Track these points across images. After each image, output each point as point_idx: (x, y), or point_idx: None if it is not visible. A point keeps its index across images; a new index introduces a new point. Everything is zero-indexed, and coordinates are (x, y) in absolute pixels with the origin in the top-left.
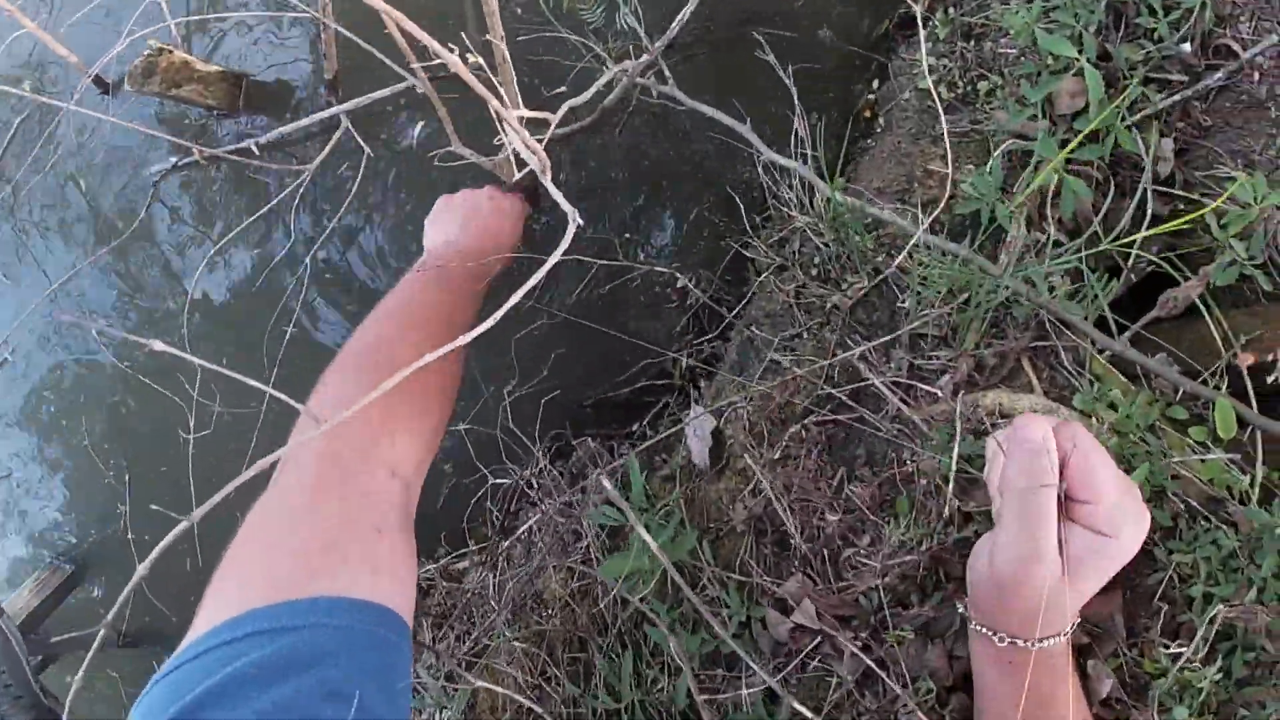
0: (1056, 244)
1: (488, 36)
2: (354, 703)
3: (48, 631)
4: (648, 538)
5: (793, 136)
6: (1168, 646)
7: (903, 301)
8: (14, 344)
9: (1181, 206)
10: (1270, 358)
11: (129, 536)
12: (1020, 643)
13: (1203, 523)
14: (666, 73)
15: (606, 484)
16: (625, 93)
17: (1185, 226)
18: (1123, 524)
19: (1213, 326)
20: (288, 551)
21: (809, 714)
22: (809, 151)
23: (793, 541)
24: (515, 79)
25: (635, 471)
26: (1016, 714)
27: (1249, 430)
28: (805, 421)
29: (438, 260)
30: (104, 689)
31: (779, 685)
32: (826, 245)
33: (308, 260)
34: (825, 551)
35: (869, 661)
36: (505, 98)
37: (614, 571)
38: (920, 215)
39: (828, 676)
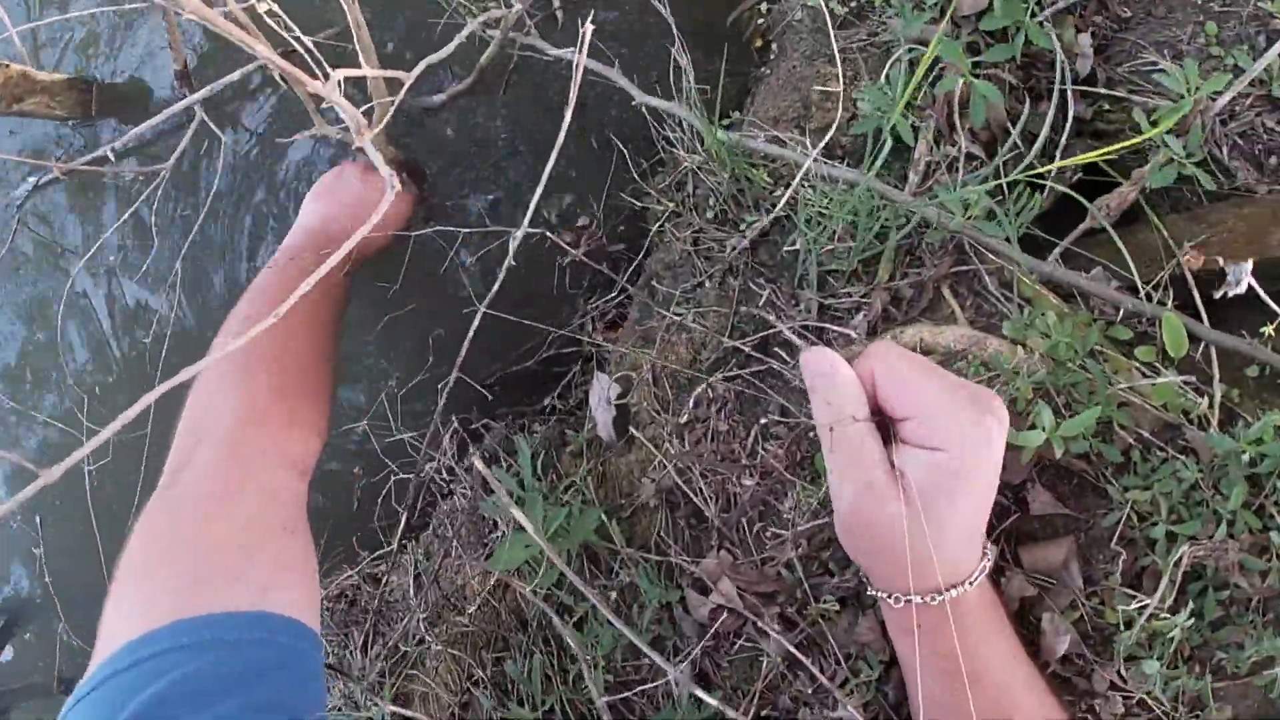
0: (971, 157)
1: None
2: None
3: None
4: (523, 518)
5: (670, 66)
6: (1132, 595)
7: (793, 244)
8: None
9: (1106, 106)
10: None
11: (46, 579)
12: (919, 599)
13: (1158, 454)
14: (528, 23)
15: (479, 464)
16: (502, 50)
17: (1113, 127)
18: (955, 430)
19: (1154, 233)
20: (200, 558)
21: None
22: (690, 85)
23: (708, 514)
24: (373, 46)
25: (525, 455)
26: (940, 688)
27: (1202, 346)
28: (711, 380)
29: (307, 241)
30: None
31: (684, 678)
32: (721, 185)
33: (178, 264)
34: (743, 520)
35: (790, 647)
36: (365, 64)
37: (503, 563)
38: (809, 142)
39: (760, 656)
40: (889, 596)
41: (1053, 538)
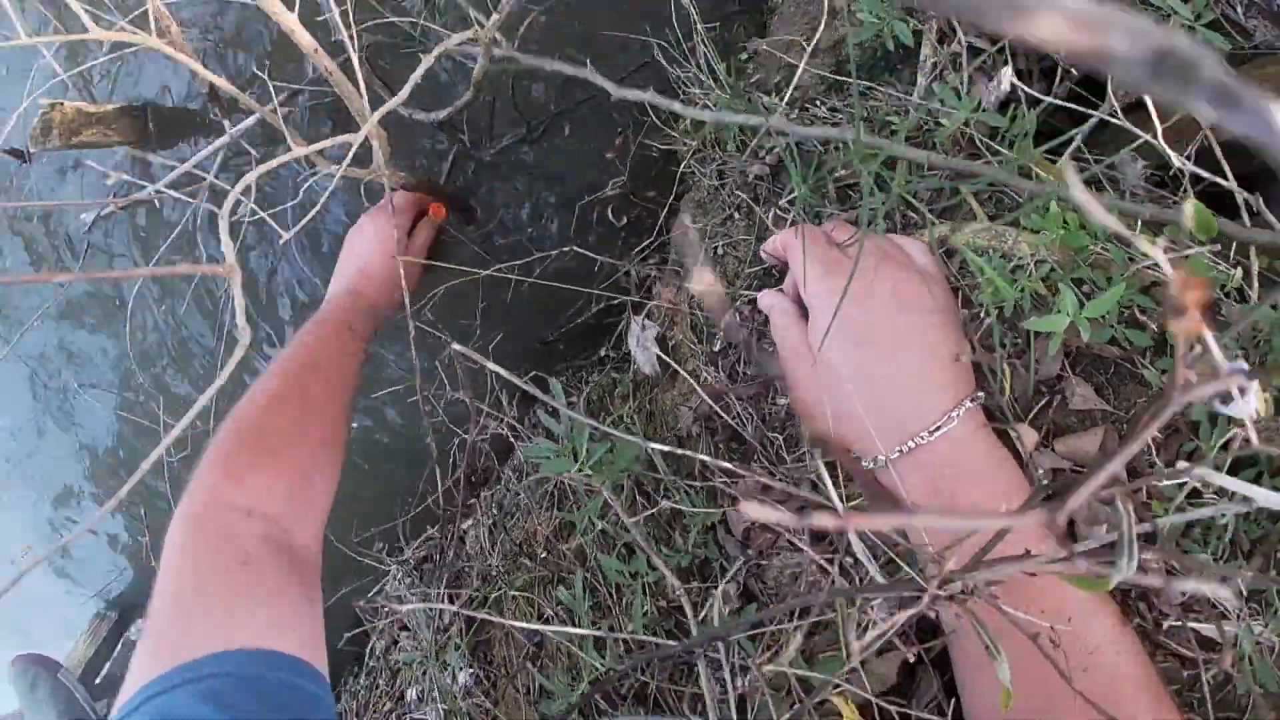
0: (975, 50)
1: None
2: None
3: (113, 675)
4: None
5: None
6: (1174, 475)
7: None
8: None
9: None
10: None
11: (154, 565)
12: (884, 457)
13: None
14: (498, 37)
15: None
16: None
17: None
18: (811, 291)
19: (1177, 110)
20: (170, 611)
21: None
22: (699, 26)
23: (745, 435)
24: (353, 80)
25: (558, 390)
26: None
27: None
28: (737, 304)
29: (338, 307)
30: None
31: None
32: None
33: (225, 283)
34: (780, 438)
35: (818, 558)
36: (352, 105)
37: (549, 469)
38: (821, 62)
39: (799, 571)
40: (870, 462)
41: (1085, 429)
